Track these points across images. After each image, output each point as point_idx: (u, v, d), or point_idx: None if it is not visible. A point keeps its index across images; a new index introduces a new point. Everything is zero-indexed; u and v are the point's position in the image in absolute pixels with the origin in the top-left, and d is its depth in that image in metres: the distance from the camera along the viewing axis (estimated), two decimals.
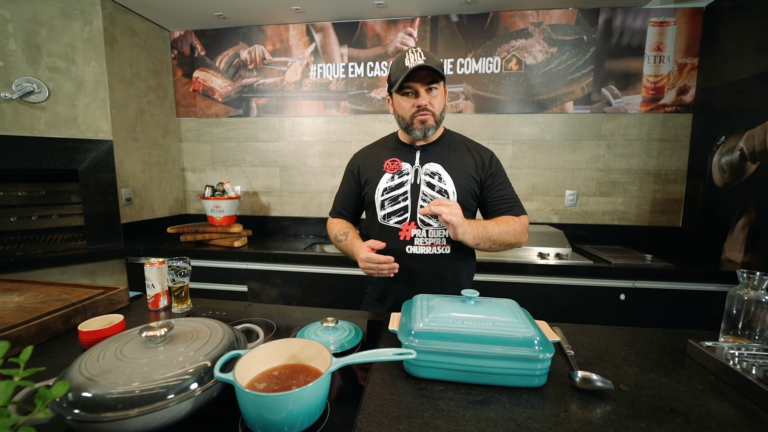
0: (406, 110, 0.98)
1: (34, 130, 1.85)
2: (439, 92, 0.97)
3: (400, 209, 1.02)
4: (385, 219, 1.03)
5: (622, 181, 2.15)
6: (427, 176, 1.02)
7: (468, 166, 1.04)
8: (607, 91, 2.08)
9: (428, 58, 0.92)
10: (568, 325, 0.90)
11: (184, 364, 0.57)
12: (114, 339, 0.61)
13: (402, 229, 1.02)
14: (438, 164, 1.03)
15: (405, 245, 1.02)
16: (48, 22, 1.83)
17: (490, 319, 0.66)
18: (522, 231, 1.01)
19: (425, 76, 0.94)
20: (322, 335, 0.78)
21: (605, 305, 1.68)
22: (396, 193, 1.03)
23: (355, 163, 1.14)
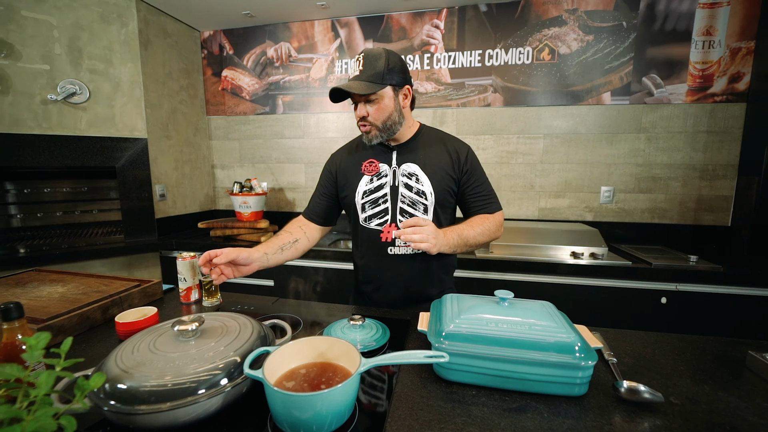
0: (356, 117, 0.99)
1: (77, 129, 1.95)
2: (378, 102, 0.94)
3: (380, 212, 1.02)
4: (367, 221, 1.04)
5: (663, 176, 2.01)
6: (405, 177, 1.02)
7: (444, 164, 1.03)
8: (649, 80, 1.95)
9: (366, 68, 0.91)
10: (608, 330, 0.85)
11: (214, 359, 0.57)
12: (148, 331, 0.62)
13: (383, 231, 1.02)
14: (414, 164, 1.02)
15: (387, 247, 1.03)
16: (89, 26, 1.92)
17: (526, 322, 0.62)
18: (496, 229, 1.04)
19: (362, 88, 0.91)
20: (349, 333, 0.76)
21: (644, 309, 1.58)
22: (376, 196, 1.02)
23: (333, 164, 1.12)
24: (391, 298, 1.05)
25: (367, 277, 1.08)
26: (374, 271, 1.06)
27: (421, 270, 1.05)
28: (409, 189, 1.01)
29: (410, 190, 1.01)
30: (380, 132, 0.97)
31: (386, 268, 1.04)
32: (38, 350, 0.44)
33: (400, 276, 1.04)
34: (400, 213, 1.01)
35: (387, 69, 0.92)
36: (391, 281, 1.05)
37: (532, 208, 2.17)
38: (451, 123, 2.20)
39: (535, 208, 2.17)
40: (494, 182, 2.18)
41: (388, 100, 0.95)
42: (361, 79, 0.91)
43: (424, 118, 2.22)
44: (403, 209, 1.01)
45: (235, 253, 0.87)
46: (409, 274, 1.04)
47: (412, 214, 1.01)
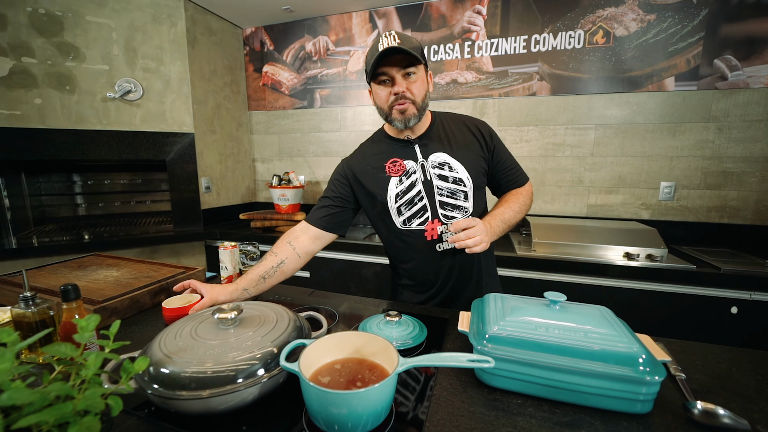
0: (383, 99, 0.90)
1: (132, 125, 2.09)
2: (418, 77, 0.88)
3: (418, 210, 0.96)
4: (406, 224, 0.97)
5: (736, 171, 1.79)
6: (436, 168, 0.95)
7: (472, 145, 0.99)
8: (722, 62, 1.73)
9: (403, 41, 0.84)
10: (674, 341, 0.76)
11: (252, 348, 0.57)
12: (191, 317, 0.64)
13: (426, 230, 0.96)
14: (442, 153, 0.96)
15: (434, 244, 0.96)
16: (142, 27, 2.04)
17: (581, 328, 0.56)
18: (530, 201, 1.04)
19: (400, 60, 0.85)
20: (385, 329, 0.74)
21: (711, 320, 1.42)
22: (410, 196, 0.95)
23: (348, 171, 1.02)
24: (445, 297, 1.01)
25: (418, 279, 1.02)
26: (426, 273, 1.00)
27: (471, 260, 1.00)
28: (444, 179, 0.95)
29: (446, 180, 0.95)
30: (417, 111, 0.91)
31: (439, 267, 0.98)
32: (88, 332, 0.45)
33: (455, 271, 0.99)
34: (440, 206, 0.95)
35: (422, 48, 0.90)
36: (447, 279, 0.99)
37: (580, 204, 2.02)
38: (492, 114, 2.10)
39: (583, 204, 2.02)
40: (538, 176, 2.06)
41: (423, 78, 0.91)
42: (403, 47, 0.83)
43: (464, 109, 2.13)
44: (442, 202, 0.95)
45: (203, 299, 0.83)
46: (466, 268, 1.00)
47: (454, 205, 0.95)
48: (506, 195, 1.03)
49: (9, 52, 1.82)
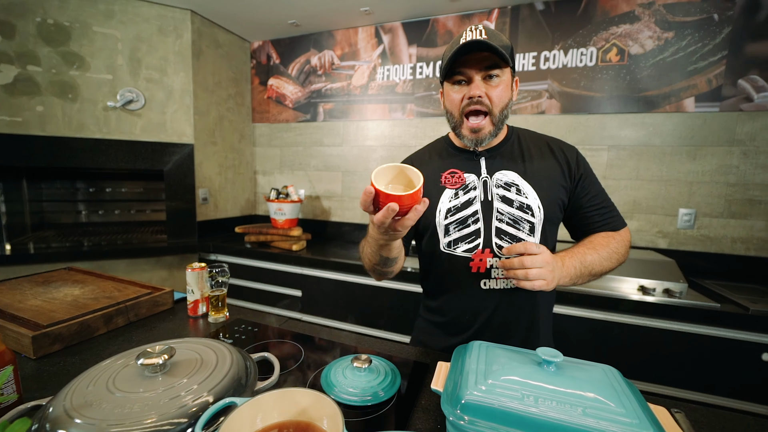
0: (455, 103, 0.76)
1: (131, 134, 2.07)
2: (502, 81, 0.73)
3: (470, 234, 0.79)
4: (451, 247, 0.80)
5: (764, 199, 1.64)
6: (501, 188, 0.79)
7: (551, 169, 0.81)
8: (747, 82, 1.61)
9: (491, 36, 0.70)
10: (697, 408, 0.63)
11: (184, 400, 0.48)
12: (116, 358, 0.55)
13: (473, 258, 0.78)
14: (512, 171, 0.80)
15: (479, 279, 0.79)
16: (148, 38, 2.04)
17: (578, 399, 0.45)
18: (625, 251, 0.82)
19: (483, 60, 0.71)
20: (351, 377, 0.64)
21: (740, 366, 1.26)
22: (464, 214, 0.79)
23: None
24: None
25: (451, 317, 0.84)
26: (462, 311, 0.83)
27: (521, 308, 0.81)
28: (508, 203, 0.79)
29: (510, 204, 0.79)
30: (495, 124, 0.76)
31: (480, 308, 0.80)
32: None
33: (498, 317, 0.80)
34: (496, 235, 0.78)
35: (511, 48, 0.74)
36: (485, 325, 0.81)
37: None
38: None
39: None
40: None
41: (507, 83, 0.75)
42: (490, 41, 0.69)
43: None
44: (500, 230, 0.78)
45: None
46: (509, 315, 0.80)
47: (514, 236, 0.78)
48: (592, 237, 0.82)
49: (15, 60, 1.84)
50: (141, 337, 0.83)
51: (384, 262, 0.76)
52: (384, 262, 0.77)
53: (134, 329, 0.87)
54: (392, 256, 0.74)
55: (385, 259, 0.75)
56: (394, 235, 0.64)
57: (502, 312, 0.80)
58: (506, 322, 0.81)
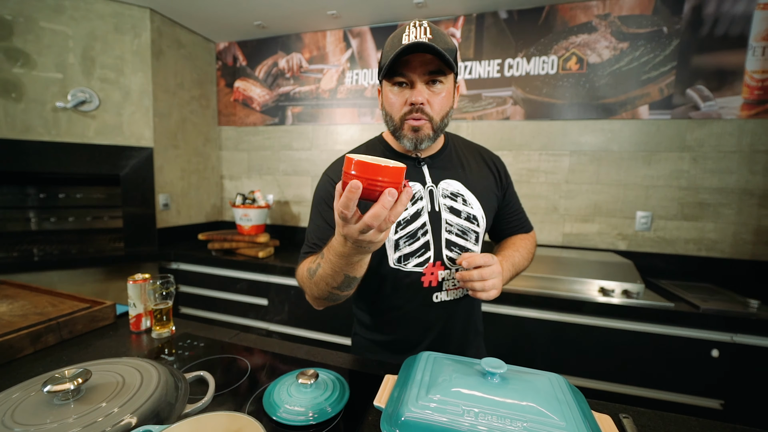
0: (396, 107, 0.71)
1: (84, 137, 1.95)
2: (444, 88, 0.69)
3: (420, 248, 0.75)
4: (401, 262, 0.75)
5: (713, 202, 1.73)
6: (448, 198, 0.77)
7: (487, 179, 0.83)
8: (695, 92, 1.70)
9: (435, 37, 0.65)
10: (646, 412, 0.63)
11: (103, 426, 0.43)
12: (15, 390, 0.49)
13: (425, 273, 0.75)
14: (456, 181, 0.79)
15: (431, 293, 0.76)
16: (102, 36, 1.94)
17: (521, 412, 0.44)
18: (535, 249, 0.91)
19: (427, 63, 0.66)
20: (296, 395, 0.60)
21: (691, 363, 1.31)
22: (413, 227, 0.74)
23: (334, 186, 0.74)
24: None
25: (400, 335, 0.80)
26: (411, 329, 0.79)
27: (468, 316, 0.83)
28: (456, 214, 0.76)
29: (458, 215, 0.76)
30: (434, 131, 0.72)
31: (430, 322, 0.78)
32: None
33: (448, 328, 0.79)
34: (446, 247, 0.76)
35: (456, 51, 0.70)
36: (438, 338, 0.79)
37: (555, 233, 1.94)
38: (465, 137, 2.02)
39: (558, 233, 1.93)
40: None
41: (450, 91, 0.71)
42: (435, 45, 0.63)
43: None
44: (450, 241, 0.76)
45: None
46: (458, 325, 0.81)
47: (463, 247, 0.77)
48: (512, 238, 0.89)
49: None
50: (73, 357, 0.76)
51: (348, 283, 0.63)
52: (347, 284, 0.63)
53: (67, 348, 0.80)
54: (360, 275, 0.62)
55: (350, 279, 0.62)
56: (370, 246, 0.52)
57: (451, 323, 0.80)
58: (454, 331, 0.81)
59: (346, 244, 0.53)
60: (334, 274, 0.61)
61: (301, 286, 0.73)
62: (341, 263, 0.58)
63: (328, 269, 0.61)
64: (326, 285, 0.64)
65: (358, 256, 0.56)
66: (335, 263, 0.59)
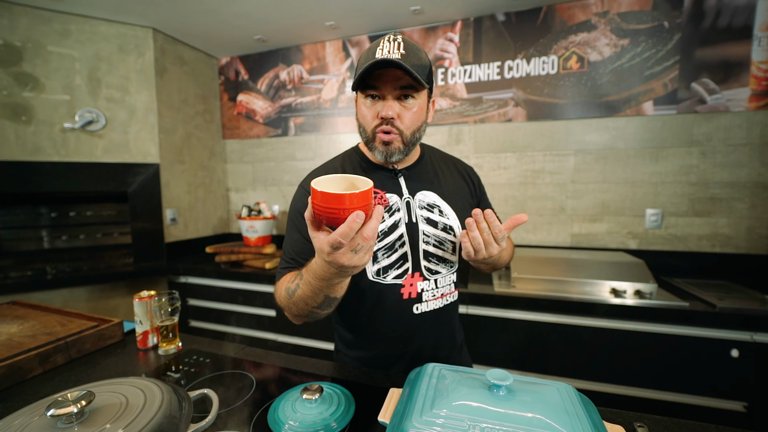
0: (368, 119, 0.72)
1: (92, 156, 1.99)
2: (416, 104, 0.71)
3: (398, 259, 0.75)
4: (380, 275, 0.75)
5: (725, 197, 1.69)
6: (424, 210, 0.78)
7: (461, 190, 0.86)
8: (700, 85, 1.67)
9: (408, 53, 0.66)
10: (661, 419, 0.61)
11: None
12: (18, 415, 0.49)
13: (404, 285, 0.76)
14: (432, 192, 0.80)
15: (411, 305, 0.77)
16: (107, 57, 1.98)
17: (528, 424, 0.42)
18: (513, 250, 0.93)
19: (398, 78, 0.68)
20: (301, 410, 0.60)
21: (710, 364, 1.27)
22: (391, 239, 0.75)
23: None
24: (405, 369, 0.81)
25: (380, 350, 0.80)
26: (392, 342, 0.79)
27: (447, 325, 0.83)
28: (432, 225, 0.78)
29: (435, 226, 0.78)
30: (405, 145, 0.73)
31: (412, 334, 0.78)
32: None
33: (429, 340, 0.79)
34: (424, 257, 0.77)
35: (430, 67, 0.72)
36: (419, 350, 0.79)
37: (563, 234, 1.91)
38: (468, 140, 2.02)
39: (567, 234, 1.90)
40: (518, 204, 1.95)
41: (422, 106, 0.73)
42: (403, 63, 0.65)
43: (439, 136, 2.06)
44: (427, 252, 0.77)
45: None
46: (436, 335, 0.80)
47: (440, 257, 0.79)
48: None
49: None
50: (81, 376, 0.76)
51: (328, 303, 0.63)
52: (328, 304, 0.63)
53: (75, 367, 0.80)
54: (340, 294, 0.63)
55: (330, 299, 0.62)
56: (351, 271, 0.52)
57: (433, 333, 0.79)
58: (436, 343, 0.80)
59: (329, 269, 0.53)
60: (313, 295, 0.61)
61: (279, 304, 0.73)
62: (321, 285, 0.58)
63: (307, 290, 0.61)
64: (305, 305, 0.64)
65: (338, 279, 0.56)
66: (315, 285, 0.59)
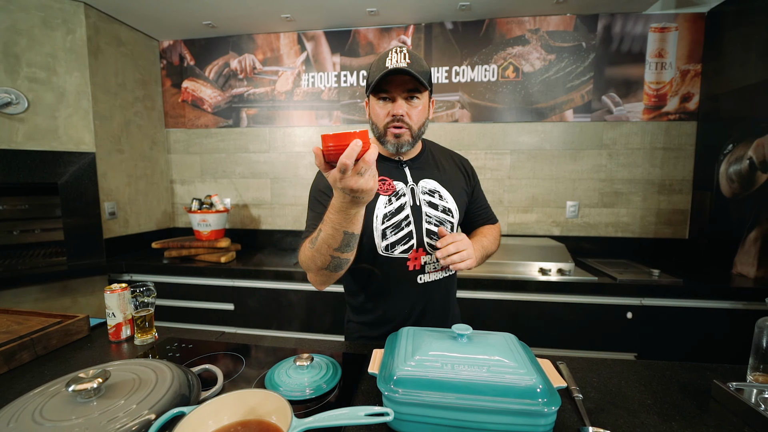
0: (381, 118, 0.86)
1: (12, 142, 1.78)
2: (421, 103, 0.86)
3: (404, 236, 0.89)
4: (389, 250, 0.89)
5: (625, 191, 2.07)
6: (426, 195, 0.92)
7: (458, 178, 1.00)
8: (608, 98, 2.01)
9: (413, 62, 0.81)
10: (575, 358, 0.81)
11: (124, 421, 0.48)
12: (39, 393, 0.51)
13: (410, 258, 0.90)
14: (433, 180, 0.95)
15: (416, 275, 0.91)
16: (28, 31, 1.77)
17: (484, 361, 0.56)
18: (500, 238, 1.06)
19: (406, 82, 0.83)
20: (294, 376, 0.68)
21: (612, 325, 1.58)
22: (398, 219, 0.89)
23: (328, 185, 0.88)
24: None
25: (390, 314, 0.93)
26: (401, 307, 0.93)
27: (448, 294, 0.98)
28: (434, 207, 0.92)
29: (435, 208, 0.92)
30: (413, 138, 0.87)
31: (417, 301, 0.92)
32: None
33: (432, 305, 0.94)
34: (426, 235, 0.90)
35: (430, 72, 0.87)
36: (421, 314, 0.93)
37: (501, 223, 2.16)
38: None
39: (504, 223, 2.16)
40: None
41: (425, 105, 0.88)
42: (411, 70, 0.79)
43: None
44: (429, 230, 0.91)
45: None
46: (440, 301, 0.96)
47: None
48: (480, 228, 1.04)
49: None
50: (55, 371, 0.75)
51: (347, 243, 0.72)
52: (346, 244, 0.72)
53: (44, 363, 0.78)
54: (357, 231, 0.71)
55: (349, 237, 0.71)
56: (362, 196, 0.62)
57: (433, 301, 0.94)
58: (434, 308, 0.95)
59: (344, 197, 0.64)
60: (334, 233, 0.70)
61: (304, 265, 0.82)
62: (339, 219, 0.68)
63: (329, 230, 0.71)
64: (328, 248, 0.73)
65: (354, 209, 0.66)
66: (334, 220, 0.69)
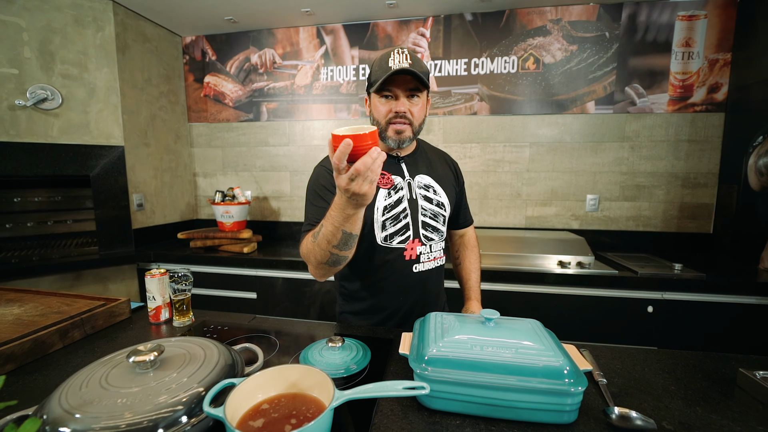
0: (383, 114, 0.91)
1: (48, 136, 1.87)
2: (421, 101, 0.91)
3: (402, 228, 0.95)
4: (387, 240, 0.94)
5: (647, 184, 2.03)
6: (422, 189, 0.98)
7: (450, 177, 1.06)
8: (631, 90, 1.97)
9: (414, 63, 0.86)
10: (598, 346, 0.82)
11: (176, 392, 0.52)
12: (101, 363, 0.56)
13: (407, 248, 0.95)
14: (427, 176, 1.00)
15: (412, 265, 0.96)
16: (61, 29, 1.85)
17: (512, 344, 0.59)
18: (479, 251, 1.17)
19: (408, 81, 0.88)
20: (327, 356, 0.72)
21: (632, 318, 1.58)
22: (396, 211, 0.94)
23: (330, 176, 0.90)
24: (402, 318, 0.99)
25: (385, 302, 0.98)
26: (396, 294, 0.97)
27: (437, 285, 1.04)
28: (429, 201, 0.98)
29: (430, 202, 0.98)
30: (413, 134, 0.93)
31: (412, 289, 0.97)
32: None
33: (426, 293, 1.00)
34: (422, 227, 0.96)
35: (428, 72, 0.92)
36: (414, 302, 0.98)
37: (519, 216, 2.16)
38: (437, 131, 2.18)
39: (522, 216, 2.16)
40: (481, 190, 2.17)
41: (424, 103, 0.93)
42: (414, 70, 0.84)
43: None
44: (425, 223, 0.97)
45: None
46: (433, 288, 1.02)
47: (434, 228, 0.98)
48: (465, 264, 1.12)
49: None
50: (104, 348, 0.81)
51: (345, 241, 0.74)
52: (345, 242, 0.74)
53: (94, 341, 0.84)
54: (355, 231, 0.74)
55: (347, 236, 0.73)
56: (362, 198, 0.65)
57: (427, 289, 1.00)
58: (427, 297, 1.01)
59: (347, 200, 0.67)
60: (334, 230, 0.73)
61: (304, 256, 0.86)
62: (339, 217, 0.71)
63: (329, 226, 0.74)
64: (327, 243, 0.75)
65: (351, 209, 0.69)
66: (335, 217, 0.72)
